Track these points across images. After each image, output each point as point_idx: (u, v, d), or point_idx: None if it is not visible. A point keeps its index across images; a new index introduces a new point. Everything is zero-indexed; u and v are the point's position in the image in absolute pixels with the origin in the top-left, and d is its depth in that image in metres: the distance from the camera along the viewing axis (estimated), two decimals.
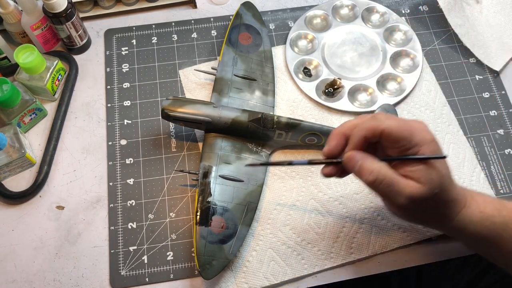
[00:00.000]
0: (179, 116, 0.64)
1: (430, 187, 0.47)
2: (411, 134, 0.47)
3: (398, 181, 0.47)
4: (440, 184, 0.48)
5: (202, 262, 0.57)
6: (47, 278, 0.61)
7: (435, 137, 0.48)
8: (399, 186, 0.47)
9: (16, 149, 0.64)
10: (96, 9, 0.79)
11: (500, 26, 0.78)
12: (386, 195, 0.48)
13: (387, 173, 0.47)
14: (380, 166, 0.48)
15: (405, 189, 0.47)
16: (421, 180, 0.47)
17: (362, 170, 0.48)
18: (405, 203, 0.47)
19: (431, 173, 0.47)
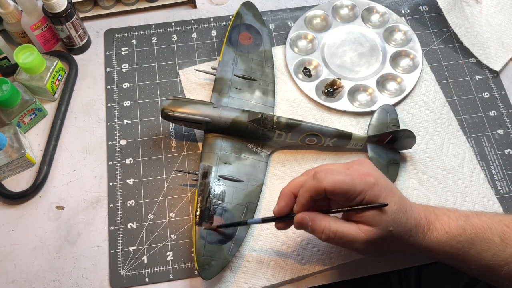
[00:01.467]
0: (179, 116, 0.64)
1: (382, 227, 0.49)
2: (353, 185, 0.48)
3: (350, 232, 0.49)
4: (393, 221, 0.49)
5: (201, 262, 0.57)
6: (47, 278, 0.61)
7: (378, 176, 0.50)
8: (351, 236, 0.49)
9: (16, 149, 0.64)
10: (96, 9, 0.79)
11: (500, 26, 0.78)
12: (343, 245, 0.51)
13: (337, 228, 0.49)
14: (329, 223, 0.50)
15: (358, 236, 0.49)
16: (372, 223, 0.49)
17: (314, 231, 0.50)
18: (363, 248, 0.50)
19: (380, 215, 0.49)
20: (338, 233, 0.49)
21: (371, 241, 0.49)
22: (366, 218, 0.49)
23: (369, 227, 0.49)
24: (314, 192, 0.49)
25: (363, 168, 0.51)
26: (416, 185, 0.66)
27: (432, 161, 0.67)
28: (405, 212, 0.50)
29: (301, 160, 0.68)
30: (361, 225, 0.50)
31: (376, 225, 0.49)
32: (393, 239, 0.50)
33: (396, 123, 0.68)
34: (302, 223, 0.51)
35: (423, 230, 0.51)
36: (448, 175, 0.67)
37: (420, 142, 0.69)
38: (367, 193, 0.49)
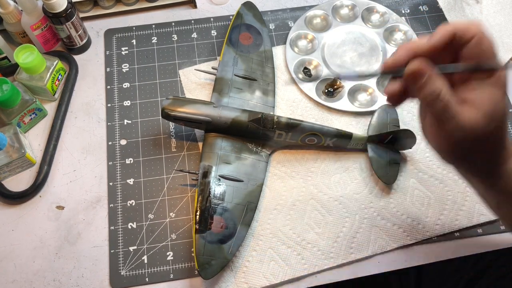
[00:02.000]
0: (179, 116, 0.64)
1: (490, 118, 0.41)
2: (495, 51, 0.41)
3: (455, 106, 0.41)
4: (502, 119, 0.42)
5: (201, 262, 0.57)
6: (47, 278, 0.61)
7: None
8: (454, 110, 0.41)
9: (16, 149, 0.64)
10: (96, 9, 0.79)
11: (500, 26, 0.78)
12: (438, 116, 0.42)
13: (448, 95, 0.41)
14: (443, 87, 0.41)
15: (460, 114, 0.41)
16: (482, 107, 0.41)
17: (427, 84, 0.41)
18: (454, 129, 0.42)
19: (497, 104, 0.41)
20: (446, 99, 0.41)
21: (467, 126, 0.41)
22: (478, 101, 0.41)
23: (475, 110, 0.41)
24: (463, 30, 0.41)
25: None
26: (416, 185, 0.66)
27: (432, 161, 0.67)
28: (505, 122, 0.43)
29: (301, 160, 0.68)
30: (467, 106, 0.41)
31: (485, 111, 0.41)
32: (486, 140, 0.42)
33: (397, 123, 0.68)
34: (421, 68, 0.41)
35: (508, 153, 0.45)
36: (449, 175, 0.67)
37: (421, 142, 0.69)
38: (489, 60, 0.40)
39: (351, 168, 0.67)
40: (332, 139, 0.66)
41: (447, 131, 0.43)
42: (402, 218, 0.64)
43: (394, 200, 0.65)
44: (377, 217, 0.64)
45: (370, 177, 0.67)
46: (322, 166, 0.67)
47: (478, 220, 0.64)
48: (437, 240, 0.63)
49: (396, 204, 0.65)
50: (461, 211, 0.64)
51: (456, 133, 0.42)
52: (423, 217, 0.64)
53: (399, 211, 0.64)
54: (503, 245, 0.63)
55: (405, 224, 0.63)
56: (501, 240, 0.63)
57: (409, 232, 0.63)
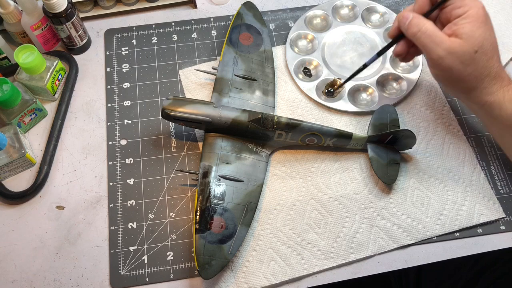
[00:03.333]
0: (179, 116, 0.64)
1: (470, 43, 0.52)
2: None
3: (440, 34, 0.53)
4: (481, 44, 0.52)
5: (201, 262, 0.57)
6: (47, 278, 0.61)
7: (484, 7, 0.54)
8: (440, 38, 0.53)
9: (16, 149, 0.64)
10: (96, 9, 0.80)
11: (500, 26, 0.78)
12: (427, 46, 0.54)
13: (431, 27, 0.54)
14: (426, 22, 0.54)
15: (445, 41, 0.53)
16: (463, 36, 0.52)
17: (410, 24, 0.55)
18: (442, 54, 0.53)
19: (474, 32, 0.52)
20: (430, 30, 0.54)
21: (453, 51, 0.52)
22: (460, 30, 0.53)
23: (458, 39, 0.53)
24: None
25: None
26: (416, 185, 0.66)
27: (432, 161, 0.68)
28: (494, 51, 0.54)
29: (301, 160, 0.68)
30: (452, 37, 0.53)
31: (466, 38, 0.52)
32: (470, 64, 0.53)
33: (396, 123, 0.68)
34: (404, 16, 0.56)
35: (501, 81, 0.54)
36: (449, 175, 0.67)
37: (421, 142, 0.69)
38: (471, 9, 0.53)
39: (351, 168, 0.67)
40: (332, 139, 0.66)
41: (438, 57, 0.53)
42: (402, 218, 0.64)
43: (394, 200, 0.65)
44: (377, 217, 0.64)
45: (370, 177, 0.67)
46: (322, 166, 0.67)
47: (478, 220, 0.64)
48: (437, 240, 0.63)
49: (396, 204, 0.65)
50: (461, 211, 0.64)
51: (446, 57, 0.53)
52: (423, 217, 0.64)
53: (399, 211, 0.64)
54: (503, 245, 0.63)
55: (405, 224, 0.63)
56: (501, 240, 0.63)
57: (409, 232, 0.63)
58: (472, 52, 0.52)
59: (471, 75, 0.54)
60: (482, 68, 0.54)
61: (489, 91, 0.54)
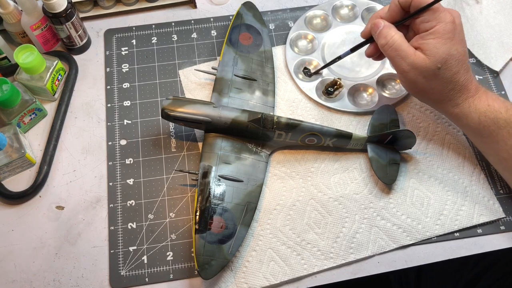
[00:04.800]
0: (179, 116, 0.64)
1: (433, 60, 0.54)
2: (436, 8, 0.55)
3: (406, 49, 0.55)
4: (445, 61, 0.54)
5: (201, 262, 0.57)
6: (47, 278, 0.61)
7: (456, 20, 0.55)
8: (405, 53, 0.55)
9: (16, 149, 0.64)
10: (96, 9, 0.80)
11: (500, 26, 0.78)
12: (393, 58, 0.57)
13: (398, 41, 0.56)
14: (395, 34, 0.56)
15: (409, 56, 0.55)
16: (427, 52, 0.54)
17: (380, 34, 0.57)
18: (406, 69, 0.55)
19: (438, 49, 0.53)
20: (396, 44, 0.56)
21: (416, 66, 0.55)
22: (425, 46, 0.55)
23: (423, 54, 0.55)
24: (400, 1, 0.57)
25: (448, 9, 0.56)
26: (416, 185, 0.66)
27: (432, 161, 0.67)
28: (460, 65, 0.55)
29: (301, 160, 0.68)
30: (418, 51, 0.55)
31: (430, 55, 0.54)
32: (433, 80, 0.55)
33: (396, 123, 0.68)
34: (376, 24, 0.58)
35: (467, 94, 0.56)
36: (449, 175, 0.67)
37: (420, 142, 0.69)
38: (439, 23, 0.54)
39: (351, 168, 0.67)
40: (332, 139, 0.66)
41: (403, 71, 0.56)
42: (402, 218, 0.64)
43: (394, 200, 0.65)
44: (377, 217, 0.64)
45: (370, 177, 0.67)
46: (322, 166, 0.67)
47: (478, 220, 0.64)
48: (437, 240, 0.63)
49: (396, 204, 0.65)
50: (461, 211, 0.64)
51: (410, 71, 0.55)
52: (423, 217, 0.64)
53: (399, 211, 0.64)
54: (503, 245, 0.63)
55: (405, 224, 0.63)
56: (501, 240, 0.63)
57: (409, 232, 0.63)
58: (434, 69, 0.54)
59: (435, 89, 0.56)
60: (446, 83, 0.55)
61: (455, 103, 0.56)
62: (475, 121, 0.56)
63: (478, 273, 0.73)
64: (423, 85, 0.56)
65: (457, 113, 0.57)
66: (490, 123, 0.56)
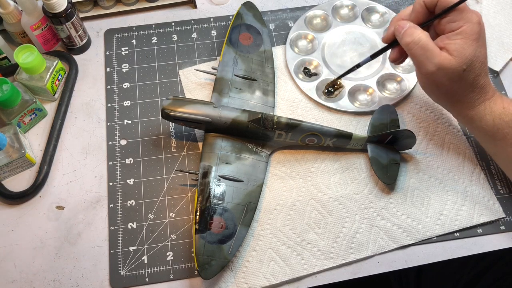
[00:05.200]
0: (179, 116, 0.64)
1: (459, 61, 0.53)
2: (463, 8, 0.54)
3: (433, 49, 0.54)
4: (470, 62, 0.53)
5: (201, 262, 0.57)
6: (47, 278, 0.61)
7: (481, 21, 0.55)
8: (431, 53, 0.54)
9: (16, 149, 0.64)
10: (96, 9, 0.79)
11: (500, 26, 0.78)
12: (418, 58, 0.55)
13: (425, 39, 0.54)
14: (421, 33, 0.55)
15: (436, 56, 0.53)
16: (454, 53, 0.53)
17: (405, 33, 0.55)
18: (432, 70, 0.54)
19: (465, 49, 0.53)
20: (423, 42, 0.54)
21: (443, 67, 0.53)
22: (451, 46, 0.54)
23: (449, 55, 0.53)
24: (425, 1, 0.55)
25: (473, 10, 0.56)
26: (416, 185, 0.66)
27: (432, 161, 0.67)
28: (482, 67, 0.54)
29: (301, 160, 0.68)
30: (444, 51, 0.54)
31: (457, 56, 0.53)
32: (457, 81, 0.54)
33: (396, 123, 0.68)
34: (401, 25, 0.56)
35: (484, 97, 0.55)
36: (449, 175, 0.67)
37: (420, 142, 0.69)
38: (466, 24, 0.54)
39: (351, 168, 0.67)
40: (332, 139, 0.66)
41: (428, 71, 0.54)
42: (402, 218, 0.64)
43: (394, 200, 0.65)
44: (377, 217, 0.64)
45: (370, 177, 0.67)
46: (322, 166, 0.67)
47: (478, 220, 0.64)
48: (437, 240, 0.63)
49: (396, 204, 0.65)
50: (461, 211, 0.64)
51: (436, 72, 0.54)
52: (423, 217, 0.64)
53: (399, 211, 0.64)
54: (503, 245, 0.63)
55: (405, 224, 0.63)
56: (501, 240, 0.63)
57: (409, 232, 0.63)
58: (460, 70, 0.53)
59: (456, 91, 0.55)
60: (468, 85, 0.55)
61: (472, 105, 0.56)
62: (489, 124, 0.56)
63: (478, 273, 0.73)
64: (446, 87, 0.55)
65: (472, 115, 0.57)
66: (504, 126, 0.55)
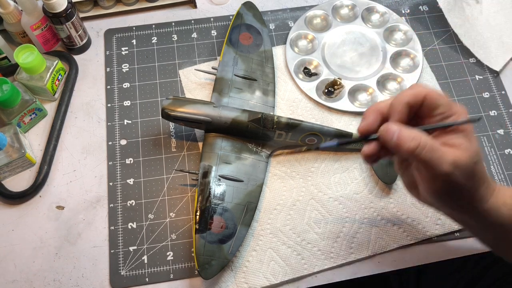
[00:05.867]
0: (179, 116, 0.64)
1: (470, 155, 0.46)
2: (450, 102, 0.47)
3: (440, 148, 0.45)
4: (478, 154, 0.47)
5: (201, 262, 0.57)
6: (47, 278, 0.61)
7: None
8: (442, 152, 0.45)
9: (16, 149, 0.64)
10: (96, 9, 0.79)
11: (500, 26, 0.78)
12: (429, 161, 0.45)
13: (430, 140, 0.45)
14: (422, 134, 0.45)
15: (449, 155, 0.45)
16: (461, 146, 0.46)
17: (401, 138, 0.45)
18: (449, 170, 0.45)
19: (470, 142, 0.46)
20: (430, 144, 0.45)
21: (459, 164, 0.45)
22: (455, 141, 0.46)
23: (459, 150, 0.45)
24: (414, 97, 0.47)
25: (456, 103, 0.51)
26: None
27: None
28: (482, 159, 0.51)
29: (301, 160, 0.68)
30: (451, 148, 0.46)
31: (465, 149, 0.46)
32: (472, 177, 0.47)
33: None
34: (389, 130, 0.46)
35: (491, 187, 0.50)
36: None
37: None
38: (460, 116, 0.47)
39: (351, 168, 0.67)
40: (332, 139, 0.66)
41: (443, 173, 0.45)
42: (402, 218, 0.64)
43: (394, 200, 0.65)
44: (377, 217, 0.64)
45: (370, 177, 0.67)
46: (322, 166, 0.67)
47: None
48: (437, 240, 0.63)
49: (396, 204, 0.65)
50: None
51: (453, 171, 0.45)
52: (423, 217, 0.64)
53: (399, 211, 0.64)
54: None
55: (405, 224, 0.63)
56: None
57: (409, 232, 0.63)
58: (473, 165, 0.46)
59: (471, 188, 0.48)
60: (479, 178, 0.48)
61: (485, 199, 0.49)
62: (505, 215, 0.50)
63: (478, 273, 0.73)
64: (462, 186, 0.47)
65: (487, 209, 0.49)
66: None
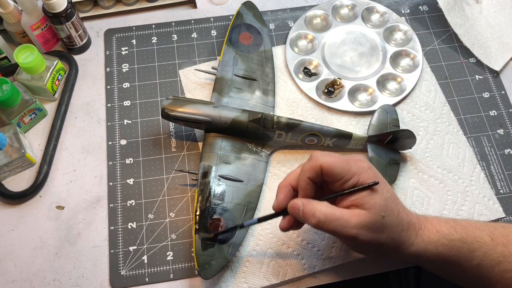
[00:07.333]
0: (179, 116, 0.64)
1: (375, 211, 0.48)
2: (348, 165, 0.49)
3: (342, 215, 0.48)
4: (386, 206, 0.49)
5: (201, 262, 0.57)
6: (47, 278, 0.61)
7: (371, 165, 0.51)
8: (343, 219, 0.48)
9: (16, 149, 0.64)
10: (96, 9, 0.79)
11: (500, 26, 0.78)
12: (335, 231, 0.48)
13: (329, 211, 0.48)
14: (321, 206, 0.49)
15: (351, 219, 0.48)
16: (365, 206, 0.48)
17: (305, 214, 0.49)
18: (355, 233, 0.48)
19: (374, 198, 0.48)
20: (329, 216, 0.48)
21: (363, 225, 0.48)
22: (359, 201, 0.48)
23: (361, 210, 0.48)
24: (312, 171, 0.49)
25: (357, 157, 0.53)
26: (416, 185, 0.66)
27: (432, 161, 0.67)
28: (397, 204, 0.50)
29: (301, 160, 0.68)
30: (354, 209, 0.49)
31: (369, 208, 0.48)
32: (384, 230, 0.49)
33: (396, 123, 0.68)
34: (294, 207, 0.50)
35: (414, 228, 0.51)
36: (449, 175, 0.67)
37: (420, 142, 0.69)
38: (361, 175, 0.49)
39: None
40: (332, 139, 0.66)
41: (350, 237, 0.48)
42: None
43: None
44: None
45: None
46: None
47: (478, 220, 0.64)
48: None
49: None
50: (461, 211, 0.64)
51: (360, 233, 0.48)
52: None
53: None
54: None
55: None
56: None
57: None
58: (380, 219, 0.48)
59: (388, 238, 0.50)
60: (394, 227, 0.50)
61: (409, 242, 0.51)
62: (434, 253, 0.51)
63: None
64: (377, 240, 0.49)
65: (415, 251, 0.51)
66: (449, 250, 0.51)
